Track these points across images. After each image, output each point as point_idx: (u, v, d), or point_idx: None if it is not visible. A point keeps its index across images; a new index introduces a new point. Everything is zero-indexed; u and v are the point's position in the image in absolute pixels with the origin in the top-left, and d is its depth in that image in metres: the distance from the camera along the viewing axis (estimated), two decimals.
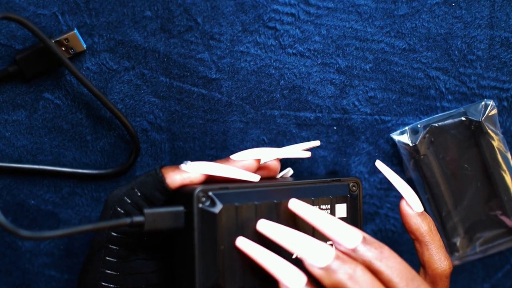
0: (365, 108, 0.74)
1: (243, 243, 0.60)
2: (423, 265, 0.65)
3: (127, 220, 0.60)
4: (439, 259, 0.64)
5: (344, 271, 0.56)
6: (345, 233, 0.59)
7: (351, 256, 0.58)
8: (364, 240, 0.59)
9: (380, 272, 0.58)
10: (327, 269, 0.57)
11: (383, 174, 0.66)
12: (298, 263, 0.60)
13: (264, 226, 0.60)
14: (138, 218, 0.60)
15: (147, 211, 0.60)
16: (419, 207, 0.65)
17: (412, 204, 0.65)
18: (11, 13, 0.63)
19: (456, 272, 0.80)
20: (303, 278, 0.57)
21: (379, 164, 0.66)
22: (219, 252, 0.60)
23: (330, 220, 0.60)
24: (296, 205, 0.61)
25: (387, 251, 0.59)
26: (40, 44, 0.68)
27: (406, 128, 0.74)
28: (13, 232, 0.55)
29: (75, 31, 0.69)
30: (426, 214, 0.65)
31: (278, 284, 0.58)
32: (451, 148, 0.75)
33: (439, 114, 0.75)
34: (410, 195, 0.65)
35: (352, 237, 0.59)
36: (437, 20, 0.74)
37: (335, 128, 0.75)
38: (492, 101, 0.74)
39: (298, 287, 0.57)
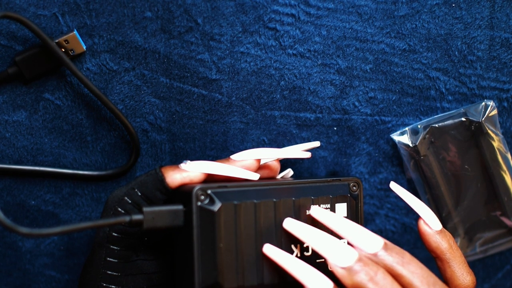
0: (365, 109, 0.74)
1: (271, 250, 0.61)
2: (446, 282, 0.65)
3: (126, 218, 0.60)
4: (461, 275, 0.64)
5: (365, 272, 0.57)
6: (366, 238, 0.60)
7: (372, 260, 0.59)
8: (385, 246, 0.59)
9: (401, 276, 0.58)
10: (349, 269, 0.57)
11: (394, 192, 0.67)
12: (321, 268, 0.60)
13: (291, 224, 0.61)
14: (137, 216, 0.60)
15: (146, 209, 0.60)
16: (438, 225, 0.64)
17: (429, 223, 0.64)
18: (11, 12, 0.64)
19: None
20: (330, 285, 0.58)
21: (393, 185, 0.66)
22: (218, 250, 0.60)
23: (352, 225, 0.60)
24: (317, 212, 0.63)
25: (408, 256, 0.59)
26: (40, 45, 0.68)
27: (406, 128, 0.74)
28: (12, 229, 0.55)
29: (75, 32, 0.69)
30: (445, 231, 0.65)
31: None
32: (451, 149, 0.75)
33: (439, 115, 0.75)
34: (427, 214, 0.65)
35: (374, 242, 0.59)
36: (437, 20, 0.74)
37: (335, 128, 0.75)
38: (492, 102, 0.74)
39: None
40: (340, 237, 0.64)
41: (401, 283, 0.58)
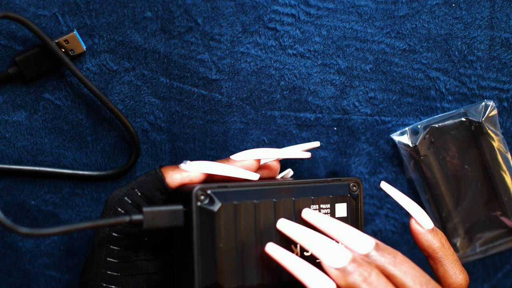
0: (365, 109, 0.74)
1: (273, 249, 0.60)
2: (439, 280, 0.64)
3: (126, 218, 0.60)
4: (454, 273, 0.64)
5: (359, 273, 0.57)
6: (357, 239, 0.59)
7: (365, 261, 0.59)
8: (377, 246, 0.59)
9: (393, 277, 0.58)
10: (343, 270, 0.57)
11: (388, 193, 0.66)
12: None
13: (285, 225, 0.61)
14: (137, 216, 0.60)
15: (145, 209, 0.60)
16: (429, 224, 0.64)
17: (421, 222, 0.64)
18: (11, 12, 0.64)
19: None
20: (332, 285, 0.58)
21: (384, 185, 0.66)
22: (218, 250, 0.60)
23: (343, 226, 0.60)
24: (309, 214, 0.62)
25: (400, 256, 0.59)
26: (40, 45, 0.68)
27: (406, 128, 0.74)
28: (11, 229, 0.55)
29: (75, 32, 0.69)
30: (437, 229, 0.65)
31: None
32: (451, 149, 0.75)
33: (439, 115, 0.75)
34: (419, 213, 0.64)
35: (365, 243, 0.59)
36: (437, 21, 0.74)
37: (335, 128, 0.75)
38: (492, 102, 0.74)
39: None
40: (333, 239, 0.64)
41: (394, 283, 0.58)
